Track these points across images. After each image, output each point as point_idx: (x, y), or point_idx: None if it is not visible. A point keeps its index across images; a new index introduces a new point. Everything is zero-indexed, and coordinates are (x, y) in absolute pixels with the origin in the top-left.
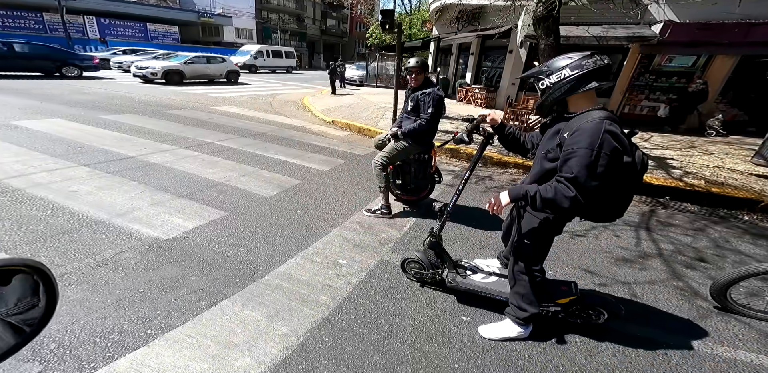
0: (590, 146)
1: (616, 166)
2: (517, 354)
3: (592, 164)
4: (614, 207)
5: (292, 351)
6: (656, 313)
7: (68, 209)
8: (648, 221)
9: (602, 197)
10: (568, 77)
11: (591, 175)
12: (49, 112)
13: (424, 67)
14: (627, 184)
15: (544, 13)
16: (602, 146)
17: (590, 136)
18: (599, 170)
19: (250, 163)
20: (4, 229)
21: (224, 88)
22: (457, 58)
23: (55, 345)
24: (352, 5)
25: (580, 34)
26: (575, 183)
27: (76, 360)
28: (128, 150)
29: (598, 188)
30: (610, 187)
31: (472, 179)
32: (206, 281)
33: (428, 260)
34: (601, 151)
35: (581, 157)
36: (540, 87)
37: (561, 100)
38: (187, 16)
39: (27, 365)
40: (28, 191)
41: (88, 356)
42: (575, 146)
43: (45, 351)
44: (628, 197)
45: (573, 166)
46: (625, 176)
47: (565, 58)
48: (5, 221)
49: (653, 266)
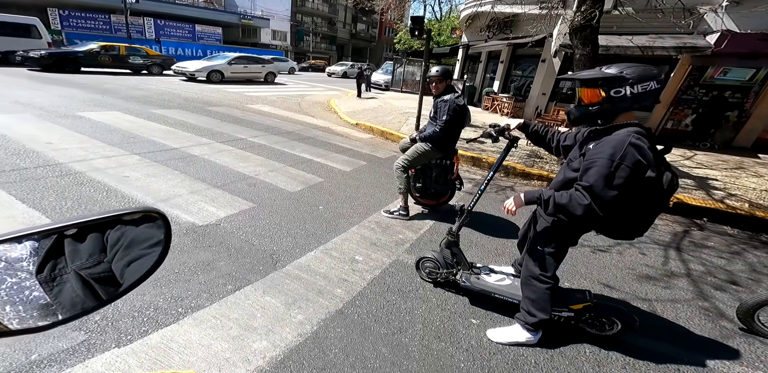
0: (611, 157)
1: (637, 179)
2: (523, 359)
3: (610, 175)
4: (633, 224)
5: (305, 338)
6: (674, 329)
7: (120, 192)
8: (680, 242)
9: (621, 212)
10: (652, 89)
11: (608, 185)
12: (109, 105)
13: (446, 76)
14: (649, 201)
15: (582, 23)
16: (624, 158)
17: (613, 147)
18: (617, 182)
19: (278, 160)
20: (66, 207)
21: (258, 88)
22: (486, 66)
23: (99, 317)
24: (383, 11)
25: (623, 44)
26: (590, 192)
27: (116, 332)
28: (172, 142)
29: (616, 200)
30: (630, 202)
31: (492, 189)
32: (233, 266)
33: (444, 259)
34: (622, 162)
35: (600, 167)
36: (612, 94)
37: (614, 112)
38: (230, 17)
39: (74, 334)
40: (87, 174)
41: (126, 328)
42: (597, 156)
43: (90, 322)
44: (649, 216)
45: (591, 175)
46: (648, 193)
47: (649, 69)
48: (67, 200)
49: (678, 286)
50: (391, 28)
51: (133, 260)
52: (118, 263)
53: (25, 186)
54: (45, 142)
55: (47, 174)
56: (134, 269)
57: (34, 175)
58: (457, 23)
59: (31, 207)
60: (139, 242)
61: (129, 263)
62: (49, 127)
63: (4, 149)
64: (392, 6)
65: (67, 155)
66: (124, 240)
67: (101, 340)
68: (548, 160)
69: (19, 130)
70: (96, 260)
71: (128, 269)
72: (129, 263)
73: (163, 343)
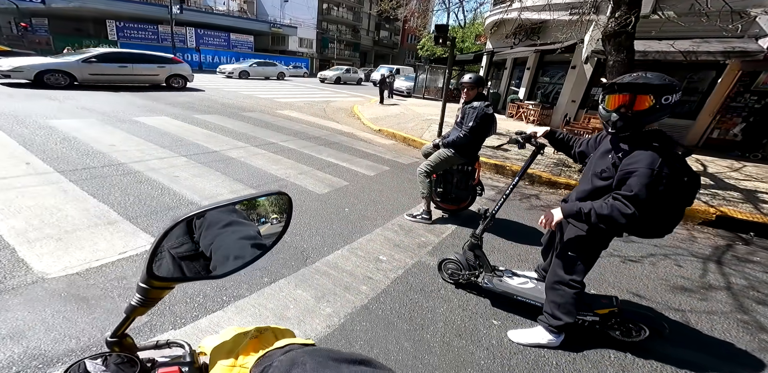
0: (650, 166)
1: (676, 185)
2: (544, 360)
3: (652, 183)
4: (664, 223)
5: (333, 329)
6: (707, 340)
7: (172, 190)
8: (721, 255)
9: (654, 214)
10: (680, 98)
11: (651, 193)
12: (159, 110)
13: (478, 83)
14: (679, 201)
15: (616, 29)
16: (663, 167)
17: (650, 156)
18: (660, 189)
19: (306, 163)
20: (129, 202)
21: (286, 93)
22: (511, 73)
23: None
24: (406, 18)
25: (663, 49)
26: (635, 201)
27: (172, 315)
28: (213, 145)
29: (656, 207)
30: (665, 204)
31: (517, 196)
32: (269, 261)
33: (466, 261)
34: (662, 171)
35: (641, 177)
36: (663, 101)
37: (651, 120)
38: (261, 26)
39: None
40: (145, 174)
41: (181, 312)
42: (634, 166)
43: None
44: (678, 214)
45: (633, 185)
46: (679, 194)
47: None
48: (130, 196)
49: (716, 298)
50: (413, 35)
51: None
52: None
53: (94, 183)
54: (109, 144)
55: (112, 173)
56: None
57: (101, 173)
58: (481, 30)
59: (100, 201)
60: (214, 224)
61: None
62: (111, 130)
63: (76, 150)
64: (416, 14)
65: (127, 156)
66: (204, 224)
67: (161, 322)
68: (576, 168)
69: (87, 133)
70: (181, 241)
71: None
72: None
73: (210, 327)
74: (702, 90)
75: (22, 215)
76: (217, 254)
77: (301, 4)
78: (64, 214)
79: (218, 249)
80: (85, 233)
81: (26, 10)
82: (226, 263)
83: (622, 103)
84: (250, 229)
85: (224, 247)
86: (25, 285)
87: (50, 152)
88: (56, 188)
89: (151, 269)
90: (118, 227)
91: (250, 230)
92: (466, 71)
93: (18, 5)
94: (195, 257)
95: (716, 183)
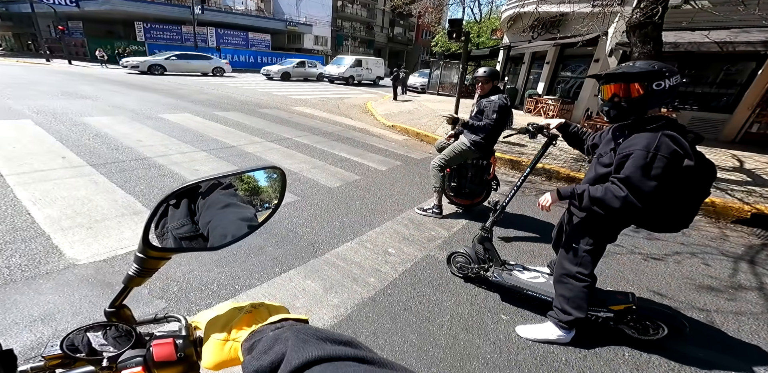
0: (646, 148)
1: (675, 169)
2: (553, 356)
3: (646, 165)
4: (675, 216)
5: (340, 320)
6: (732, 341)
7: None
8: (755, 255)
9: (661, 204)
10: (679, 83)
11: (645, 175)
12: (182, 108)
13: (493, 77)
14: (689, 191)
15: (641, 20)
16: (659, 148)
17: (647, 138)
18: (654, 172)
19: (320, 158)
20: (153, 194)
21: (301, 90)
22: (529, 68)
23: (176, 288)
24: (420, 14)
25: (696, 40)
26: (627, 183)
27: (188, 302)
28: (231, 140)
29: (656, 192)
30: (670, 193)
31: (533, 192)
32: (280, 251)
33: (476, 254)
34: (657, 153)
35: (635, 159)
36: (654, 87)
37: (648, 106)
38: (277, 24)
39: (157, 302)
40: (168, 167)
41: (196, 300)
42: (631, 148)
43: (170, 292)
44: (692, 206)
45: (627, 167)
46: (687, 182)
47: (667, 64)
48: (154, 189)
49: (746, 299)
50: (428, 30)
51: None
52: (203, 220)
53: (123, 176)
54: (136, 139)
55: (138, 166)
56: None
57: (129, 167)
58: (497, 24)
59: (128, 193)
60: (214, 205)
61: (208, 222)
62: (138, 127)
63: (107, 145)
64: (430, 9)
65: (152, 151)
66: (204, 205)
67: (176, 308)
68: None
69: (117, 129)
70: (182, 222)
71: (211, 225)
72: (208, 222)
73: None
74: (740, 82)
75: (57, 205)
76: (214, 233)
77: (316, 1)
78: (94, 204)
79: (215, 228)
80: (113, 222)
81: (63, 13)
82: (221, 239)
83: (614, 92)
84: (247, 211)
85: (221, 226)
86: (58, 271)
87: (84, 147)
88: (88, 180)
89: (147, 239)
90: (143, 217)
91: (246, 211)
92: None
93: (56, 9)
94: (195, 238)
95: (754, 180)
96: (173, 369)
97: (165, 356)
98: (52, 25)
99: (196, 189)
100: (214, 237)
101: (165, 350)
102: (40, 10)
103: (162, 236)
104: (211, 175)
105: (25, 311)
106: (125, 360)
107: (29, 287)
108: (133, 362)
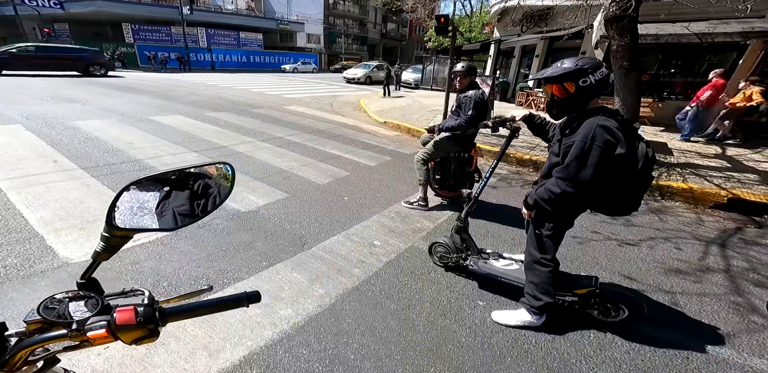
0: (584, 139)
1: (609, 157)
2: (524, 339)
3: (583, 155)
4: (622, 199)
5: (324, 309)
6: (693, 322)
7: None
8: (727, 238)
9: (604, 189)
10: (606, 75)
11: (581, 164)
12: (173, 109)
13: (470, 72)
14: (629, 175)
15: (617, 13)
16: (594, 138)
17: (584, 130)
18: (591, 161)
19: (310, 156)
20: None
21: (294, 89)
22: (519, 61)
23: (167, 283)
24: (411, 9)
25: (676, 32)
26: (566, 172)
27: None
28: (222, 141)
29: (594, 179)
30: (609, 178)
31: (519, 183)
32: (268, 246)
33: (454, 244)
34: (593, 143)
35: (575, 149)
36: (581, 84)
37: (585, 100)
38: (269, 23)
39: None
40: (158, 169)
41: (185, 293)
42: (572, 139)
43: (160, 287)
44: (636, 190)
45: (569, 157)
46: (625, 168)
47: (593, 58)
48: None
49: (711, 280)
50: (421, 26)
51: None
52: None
53: (114, 178)
54: (127, 142)
55: (129, 168)
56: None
57: (120, 169)
58: (488, 19)
59: None
60: (182, 194)
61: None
62: (129, 130)
63: (98, 148)
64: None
65: (143, 153)
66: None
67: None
68: None
69: (108, 132)
70: (181, 202)
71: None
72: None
73: None
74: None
75: (49, 207)
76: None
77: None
78: (86, 206)
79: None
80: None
81: (48, 16)
82: (178, 221)
83: (552, 93)
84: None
85: (180, 210)
86: (52, 269)
87: (75, 151)
88: (80, 183)
89: (110, 221)
90: None
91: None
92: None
93: (39, 12)
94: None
95: (733, 166)
96: (134, 333)
97: (126, 320)
98: (38, 28)
99: (180, 179)
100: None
101: (126, 315)
102: (24, 13)
103: (161, 214)
104: (172, 169)
105: (21, 307)
106: (92, 324)
107: (25, 285)
108: (98, 325)
